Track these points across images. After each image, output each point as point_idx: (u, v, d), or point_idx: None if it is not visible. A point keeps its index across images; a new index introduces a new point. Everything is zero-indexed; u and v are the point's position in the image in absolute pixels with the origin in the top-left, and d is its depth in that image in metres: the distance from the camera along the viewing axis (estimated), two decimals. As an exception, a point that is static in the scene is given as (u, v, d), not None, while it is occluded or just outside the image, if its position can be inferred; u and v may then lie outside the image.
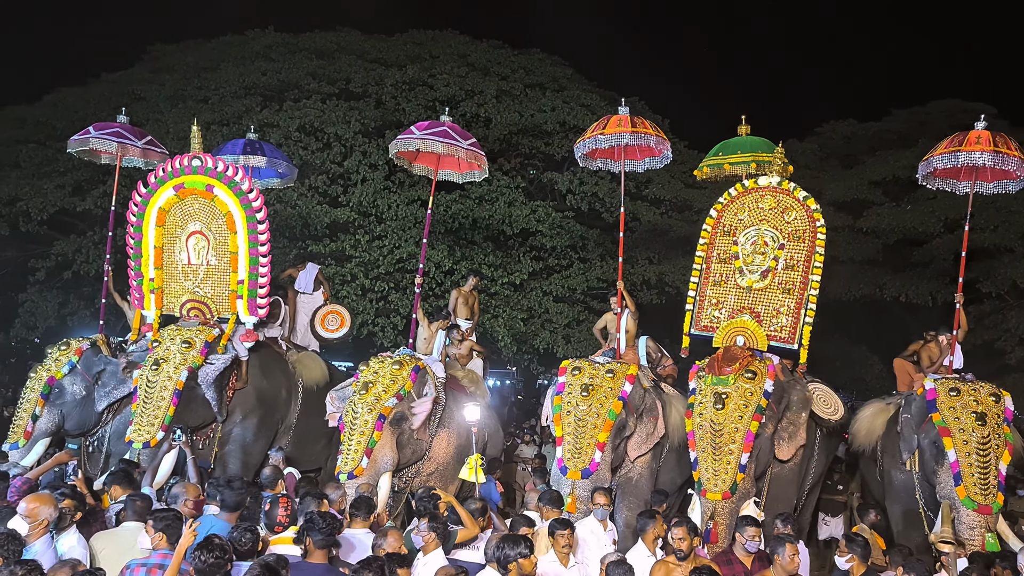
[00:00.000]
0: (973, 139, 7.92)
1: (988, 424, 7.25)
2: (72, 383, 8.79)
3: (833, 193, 18.66)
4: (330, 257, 15.54)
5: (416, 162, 10.08)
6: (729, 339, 8.15)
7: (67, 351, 8.92)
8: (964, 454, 7.19)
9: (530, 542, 4.95)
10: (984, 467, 7.11)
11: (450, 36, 20.60)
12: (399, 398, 7.97)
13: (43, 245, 16.39)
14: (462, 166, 10.01)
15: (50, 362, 8.86)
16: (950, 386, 7.57)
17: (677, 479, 8.31)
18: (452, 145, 9.09)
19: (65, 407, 8.70)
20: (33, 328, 16.18)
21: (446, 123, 9.29)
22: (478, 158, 9.43)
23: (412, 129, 9.34)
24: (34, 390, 8.65)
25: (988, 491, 7.05)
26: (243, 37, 20.00)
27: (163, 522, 4.75)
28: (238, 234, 8.75)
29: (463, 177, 10.31)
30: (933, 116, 19.05)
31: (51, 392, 8.67)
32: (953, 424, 7.34)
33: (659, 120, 18.95)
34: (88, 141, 9.96)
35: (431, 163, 9.92)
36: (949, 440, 7.29)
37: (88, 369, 8.87)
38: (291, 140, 16.22)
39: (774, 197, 8.37)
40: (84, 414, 8.79)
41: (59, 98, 18.69)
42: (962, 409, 7.37)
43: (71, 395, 8.75)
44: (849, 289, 17.72)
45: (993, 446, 7.20)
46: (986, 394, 7.48)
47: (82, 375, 8.82)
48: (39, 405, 8.56)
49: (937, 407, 7.48)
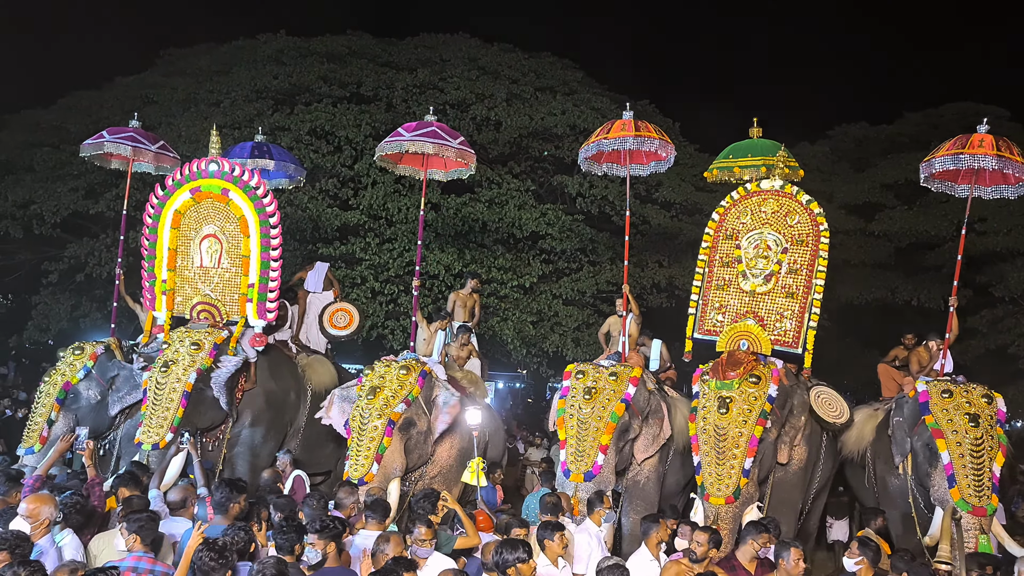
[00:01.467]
0: (976, 142, 7.84)
1: (981, 425, 7.21)
2: (87, 388, 8.88)
3: (845, 196, 18.61)
4: (340, 260, 15.58)
5: (401, 163, 10.03)
6: (733, 343, 8.15)
7: (81, 356, 8.99)
8: (958, 456, 7.15)
9: (528, 546, 4.93)
10: (978, 469, 7.08)
11: (460, 40, 20.61)
12: (407, 403, 7.99)
13: (56, 248, 16.51)
14: (448, 165, 9.97)
15: (65, 367, 8.94)
16: (942, 388, 7.55)
17: (681, 481, 8.31)
18: (442, 145, 9.08)
19: (80, 412, 8.78)
20: (46, 330, 16.29)
21: (433, 123, 9.25)
22: (466, 156, 9.37)
23: (400, 131, 9.24)
24: (49, 395, 8.73)
25: (982, 493, 7.02)
26: (255, 41, 20.07)
27: (136, 523, 4.71)
28: (251, 238, 8.80)
29: (449, 175, 10.27)
30: (946, 119, 18.93)
31: (67, 397, 8.76)
32: (946, 426, 7.30)
33: (669, 123, 18.95)
34: (102, 145, 10.01)
35: (417, 164, 9.92)
36: (943, 442, 7.26)
37: (103, 374, 8.96)
38: (302, 143, 16.28)
39: (777, 201, 8.36)
40: (98, 418, 8.87)
41: (73, 102, 18.80)
42: (955, 411, 7.34)
43: (86, 400, 8.85)
44: (860, 293, 17.66)
45: (986, 447, 7.16)
46: (978, 396, 7.45)
47: (97, 380, 8.92)
48: (55, 410, 8.64)
49: (930, 409, 7.46)
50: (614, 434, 7.66)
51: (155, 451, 7.80)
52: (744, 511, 7.19)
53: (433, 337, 9.02)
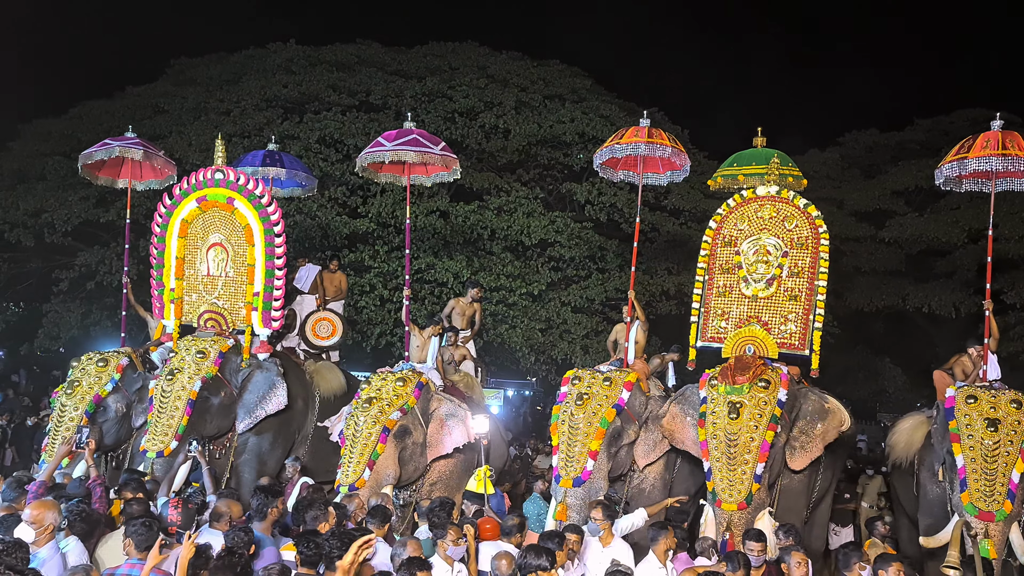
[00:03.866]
0: (981, 143, 7.78)
1: (1000, 430, 7.08)
2: (116, 401, 8.84)
3: (855, 203, 18.55)
4: (349, 268, 15.61)
5: (382, 171, 10.00)
6: (739, 349, 8.11)
7: (106, 368, 8.92)
8: (970, 460, 7.05)
9: (553, 555, 4.95)
10: (991, 474, 6.95)
11: (469, 48, 20.69)
12: (403, 412, 8.01)
13: (67, 256, 16.60)
14: (429, 170, 9.96)
15: (90, 379, 8.82)
16: (968, 393, 7.44)
17: (691, 488, 8.24)
18: (425, 153, 9.08)
19: (107, 424, 8.76)
20: (56, 339, 16.36)
21: (414, 130, 9.24)
22: (449, 161, 9.34)
23: (380, 141, 9.22)
24: (77, 408, 8.62)
25: (993, 497, 6.89)
26: (265, 50, 20.21)
27: (131, 527, 4.72)
28: (256, 246, 8.84)
29: (431, 179, 10.25)
30: (956, 125, 18.87)
31: (96, 410, 8.70)
32: (964, 431, 7.20)
33: (678, 131, 18.93)
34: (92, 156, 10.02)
35: (398, 171, 9.91)
36: (958, 446, 7.17)
37: (129, 386, 8.94)
38: (311, 152, 16.35)
39: (773, 206, 8.35)
40: (121, 430, 8.89)
41: (84, 111, 18.93)
42: (976, 416, 7.23)
43: (113, 412, 8.82)
44: (871, 300, 17.59)
45: (1003, 452, 7.01)
46: (1006, 401, 7.28)
47: (123, 392, 8.89)
48: (83, 423, 8.48)
49: (954, 415, 7.37)
50: (604, 440, 7.65)
51: (160, 459, 7.81)
52: (756, 517, 7.13)
53: (427, 344, 9.01)
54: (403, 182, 9.89)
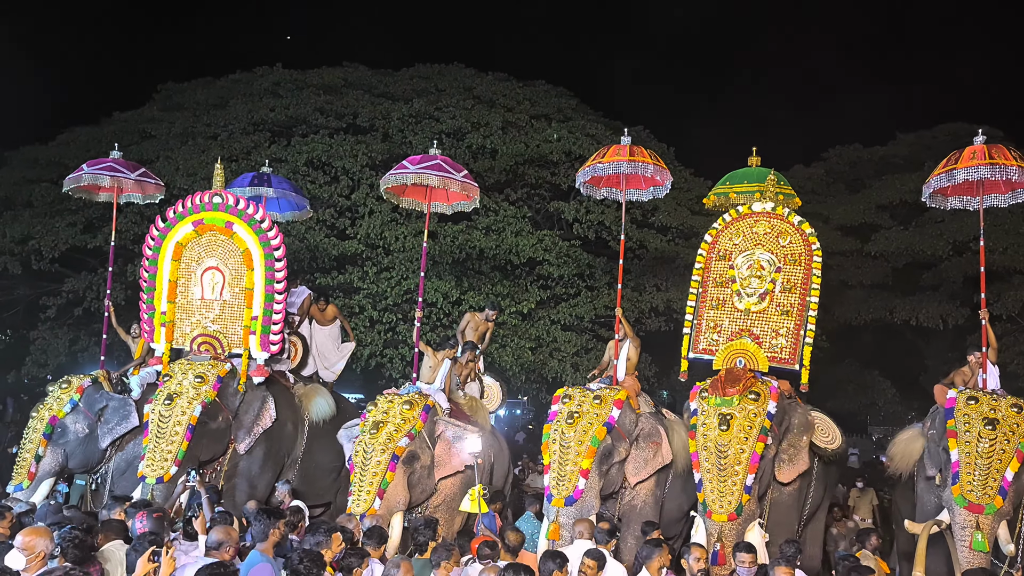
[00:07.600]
0: (968, 155, 7.88)
1: (998, 429, 7.11)
2: (75, 421, 8.81)
3: (840, 218, 18.70)
4: (338, 289, 15.61)
5: (405, 196, 10.05)
6: (729, 361, 8.18)
7: (68, 389, 8.93)
8: (965, 454, 7.08)
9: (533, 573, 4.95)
10: (985, 469, 6.98)
11: (455, 69, 20.80)
12: (410, 437, 8.00)
13: (54, 282, 16.54)
14: (451, 198, 10.03)
15: (52, 401, 8.87)
16: (970, 395, 7.48)
17: (684, 505, 8.25)
18: (446, 178, 9.13)
19: (68, 446, 8.73)
20: (44, 366, 16.26)
21: (438, 156, 9.30)
22: (470, 189, 9.41)
23: (405, 164, 9.27)
24: (36, 430, 8.66)
25: (984, 491, 6.92)
26: (252, 74, 20.26)
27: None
28: (255, 270, 8.85)
29: (451, 208, 10.33)
30: (939, 140, 19.07)
31: (53, 432, 8.68)
32: (962, 428, 7.24)
33: (664, 149, 19.06)
34: (82, 178, 10.05)
35: (420, 196, 9.97)
36: (953, 441, 7.20)
37: (90, 406, 8.90)
38: (299, 174, 16.37)
39: (768, 222, 8.49)
40: (88, 452, 8.82)
41: (71, 137, 18.92)
42: (976, 415, 7.26)
43: (74, 433, 8.78)
44: (859, 313, 17.68)
45: (999, 450, 7.04)
46: (1007, 405, 7.31)
47: (84, 413, 8.84)
48: (42, 445, 8.57)
49: (953, 414, 7.39)
50: (595, 458, 7.68)
51: (160, 484, 7.79)
52: (746, 528, 7.16)
53: (439, 365, 9.04)
54: (423, 208, 9.97)
